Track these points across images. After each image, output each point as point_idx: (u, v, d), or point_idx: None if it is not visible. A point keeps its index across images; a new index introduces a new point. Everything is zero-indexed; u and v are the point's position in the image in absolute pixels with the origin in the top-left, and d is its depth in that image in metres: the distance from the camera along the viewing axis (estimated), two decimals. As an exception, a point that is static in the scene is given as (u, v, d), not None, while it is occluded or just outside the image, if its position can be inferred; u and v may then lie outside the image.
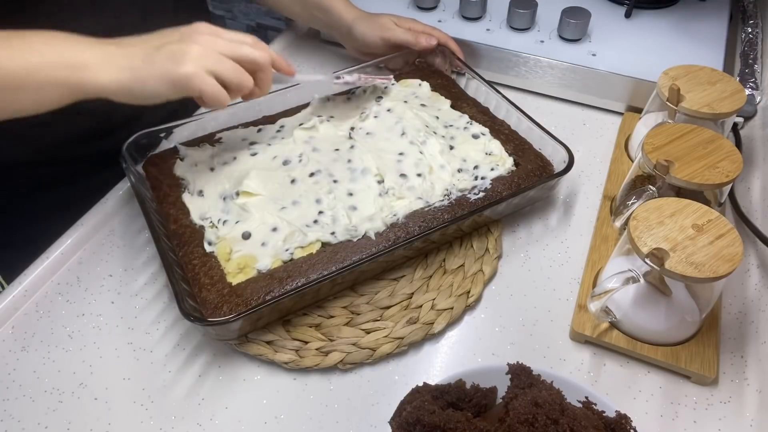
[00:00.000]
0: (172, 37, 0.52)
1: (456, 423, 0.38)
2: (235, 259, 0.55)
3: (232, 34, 0.55)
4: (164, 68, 0.50)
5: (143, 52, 0.51)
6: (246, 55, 0.54)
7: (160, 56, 0.50)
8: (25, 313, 0.57)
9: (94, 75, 0.49)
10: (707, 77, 0.63)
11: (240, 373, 0.53)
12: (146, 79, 0.50)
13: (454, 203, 0.60)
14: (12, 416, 0.50)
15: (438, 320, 0.56)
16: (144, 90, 0.50)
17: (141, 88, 0.50)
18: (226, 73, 0.52)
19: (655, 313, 0.52)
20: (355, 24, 0.75)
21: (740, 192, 0.67)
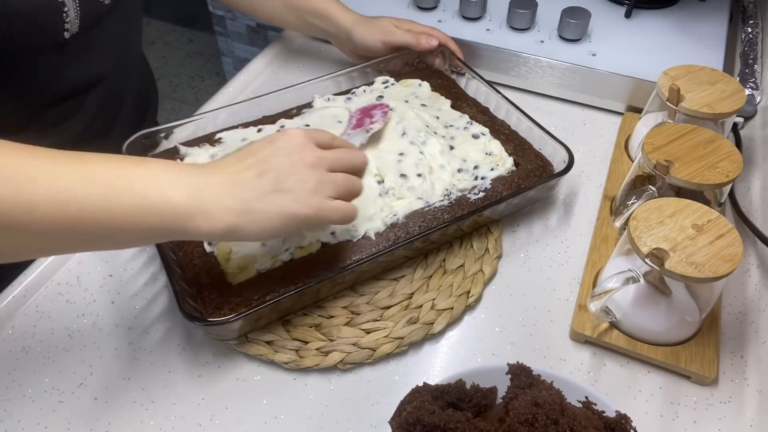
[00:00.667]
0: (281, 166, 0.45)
1: (456, 423, 0.38)
2: (235, 259, 0.55)
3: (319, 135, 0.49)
4: (287, 211, 0.45)
5: (258, 190, 0.44)
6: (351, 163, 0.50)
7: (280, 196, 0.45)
8: (25, 313, 0.57)
9: (200, 224, 0.42)
10: (707, 77, 0.63)
11: (240, 373, 0.53)
12: (264, 222, 0.44)
13: (454, 203, 0.60)
14: (12, 416, 0.50)
15: (438, 320, 0.56)
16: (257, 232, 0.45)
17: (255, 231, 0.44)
18: (342, 189, 0.48)
19: (655, 313, 0.52)
20: (354, 29, 0.75)
21: (740, 192, 0.67)
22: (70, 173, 0.39)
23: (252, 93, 0.81)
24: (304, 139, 0.48)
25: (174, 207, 0.41)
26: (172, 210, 0.41)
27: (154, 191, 0.41)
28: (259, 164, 0.45)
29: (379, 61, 0.76)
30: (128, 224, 0.40)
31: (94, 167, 0.40)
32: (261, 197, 0.44)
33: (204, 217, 0.42)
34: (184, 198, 0.42)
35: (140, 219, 0.41)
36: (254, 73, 0.86)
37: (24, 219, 0.37)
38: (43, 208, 0.37)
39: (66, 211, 0.38)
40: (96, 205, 0.39)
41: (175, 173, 0.43)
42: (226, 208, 0.43)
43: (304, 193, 0.45)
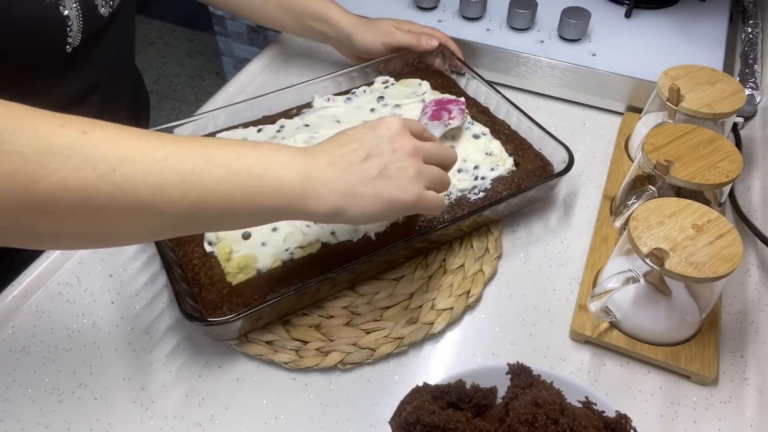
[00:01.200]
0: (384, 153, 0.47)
1: (456, 423, 0.38)
2: (235, 259, 0.55)
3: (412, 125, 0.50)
4: (391, 197, 0.46)
5: (363, 175, 0.46)
6: (444, 157, 0.51)
7: (384, 182, 0.46)
8: (25, 313, 0.57)
9: (311, 204, 0.44)
10: (707, 77, 0.63)
11: (240, 373, 0.53)
12: (368, 205, 0.45)
13: (454, 203, 0.60)
14: (12, 416, 0.50)
15: (438, 320, 0.56)
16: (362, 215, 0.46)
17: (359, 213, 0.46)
18: (436, 181, 0.50)
19: (655, 313, 0.52)
20: (354, 32, 0.75)
21: (740, 192, 0.67)
22: (194, 156, 0.40)
23: (252, 93, 0.81)
24: (402, 127, 0.49)
25: (287, 188, 0.43)
26: (285, 191, 0.43)
27: (268, 173, 0.42)
28: (363, 149, 0.47)
29: (379, 61, 0.76)
30: (246, 204, 0.42)
31: (214, 150, 0.41)
32: (366, 182, 0.45)
33: (314, 198, 0.44)
34: (296, 179, 0.43)
35: (257, 199, 0.42)
36: (254, 73, 0.86)
37: (153, 200, 0.38)
38: (171, 190, 0.39)
39: (192, 193, 0.39)
40: (218, 187, 0.40)
41: (286, 155, 0.44)
42: (335, 190, 0.44)
43: (406, 180, 0.47)
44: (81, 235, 0.39)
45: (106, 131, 0.38)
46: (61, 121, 0.37)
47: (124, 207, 0.38)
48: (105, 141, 0.37)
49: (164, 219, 0.40)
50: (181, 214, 0.40)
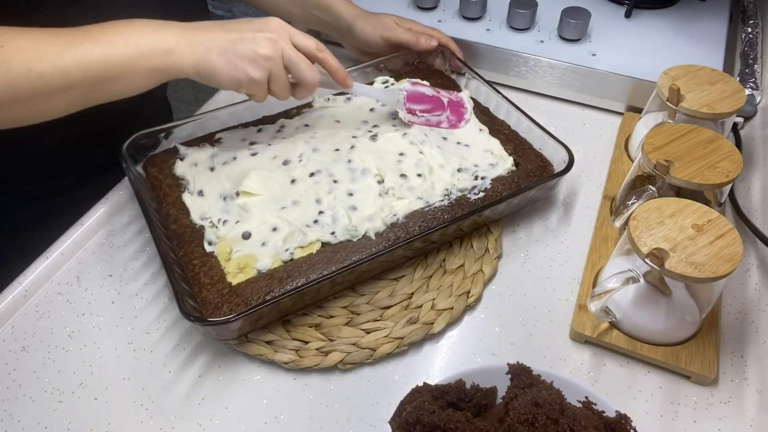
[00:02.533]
0: (246, 32, 0.55)
1: (456, 423, 0.38)
2: (235, 259, 0.55)
3: (300, 37, 0.58)
4: (234, 65, 0.55)
5: (219, 43, 0.55)
6: (300, 73, 0.58)
7: (232, 53, 0.55)
8: (25, 313, 0.57)
9: (178, 59, 0.54)
10: (707, 77, 0.63)
11: (240, 373, 0.53)
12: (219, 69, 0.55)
13: (454, 203, 0.60)
14: (12, 416, 0.50)
15: (438, 320, 0.56)
16: (214, 77, 0.55)
17: (212, 74, 0.55)
18: (278, 83, 0.57)
19: (655, 313, 0.52)
20: (355, 22, 0.75)
21: (740, 192, 0.67)
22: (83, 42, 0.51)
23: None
24: (279, 26, 0.57)
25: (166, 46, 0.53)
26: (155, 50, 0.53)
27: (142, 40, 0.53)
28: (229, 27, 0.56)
29: (379, 60, 0.76)
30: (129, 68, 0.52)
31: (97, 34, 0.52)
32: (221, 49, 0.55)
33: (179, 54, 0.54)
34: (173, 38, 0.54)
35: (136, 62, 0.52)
36: (254, 73, 0.86)
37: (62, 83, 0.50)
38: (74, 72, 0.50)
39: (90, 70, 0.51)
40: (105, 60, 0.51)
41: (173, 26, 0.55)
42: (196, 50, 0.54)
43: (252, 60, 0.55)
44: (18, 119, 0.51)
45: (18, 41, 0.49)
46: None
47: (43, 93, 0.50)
48: (18, 50, 0.48)
49: (74, 93, 0.51)
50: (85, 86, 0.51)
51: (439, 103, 0.68)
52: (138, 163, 0.64)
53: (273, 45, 0.56)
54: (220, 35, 0.55)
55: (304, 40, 0.58)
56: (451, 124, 0.67)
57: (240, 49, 0.55)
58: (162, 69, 0.54)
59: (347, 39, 0.78)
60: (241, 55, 0.55)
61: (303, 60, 0.58)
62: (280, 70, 0.57)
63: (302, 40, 0.58)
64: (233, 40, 0.55)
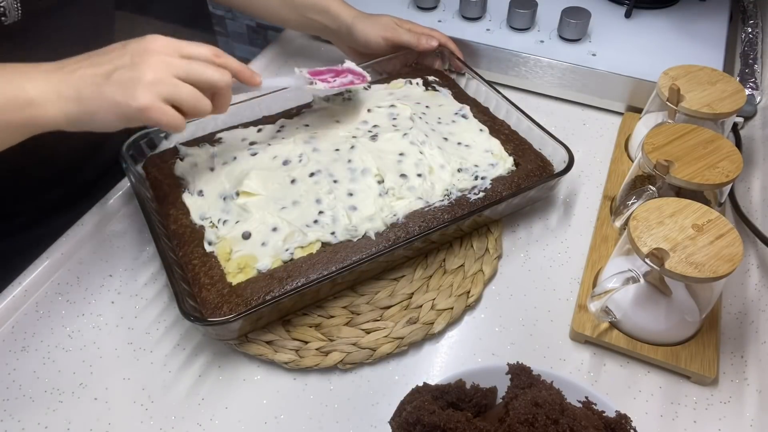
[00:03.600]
0: (122, 59, 0.47)
1: (456, 423, 0.38)
2: (235, 259, 0.55)
3: (191, 48, 0.51)
4: (115, 100, 0.46)
5: (91, 80, 0.46)
6: (204, 77, 0.50)
7: (110, 86, 0.46)
8: (25, 313, 0.57)
9: (42, 111, 0.46)
10: (707, 77, 0.63)
11: (240, 373, 0.53)
12: (96, 111, 0.46)
13: (454, 203, 0.60)
14: (12, 416, 0.50)
15: (438, 320, 0.56)
16: (93, 122, 0.47)
17: (90, 120, 0.47)
18: (183, 100, 0.49)
19: (655, 313, 0.52)
20: (355, 23, 0.75)
21: (740, 192, 0.67)
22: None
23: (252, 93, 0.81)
24: (163, 46, 0.49)
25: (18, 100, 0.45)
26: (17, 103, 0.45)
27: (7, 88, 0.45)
28: (101, 62, 0.48)
29: (378, 61, 0.76)
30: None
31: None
32: (92, 87, 0.46)
33: (42, 106, 0.45)
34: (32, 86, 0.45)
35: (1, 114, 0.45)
36: (254, 73, 0.86)
37: None
38: None
39: None
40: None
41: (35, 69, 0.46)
42: (61, 96, 0.46)
43: (135, 87, 0.46)
44: None
45: None
46: None
47: None
48: None
49: None
50: None
51: (336, 71, 0.67)
52: (138, 163, 0.64)
53: (158, 67, 0.47)
54: (88, 72, 0.47)
55: (195, 49, 0.51)
56: (360, 80, 0.67)
57: (116, 80, 0.46)
58: (23, 124, 0.46)
59: (346, 41, 0.78)
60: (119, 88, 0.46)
61: (200, 64, 0.50)
62: (176, 87, 0.48)
63: (194, 50, 0.51)
64: (105, 73, 0.47)
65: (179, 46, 0.50)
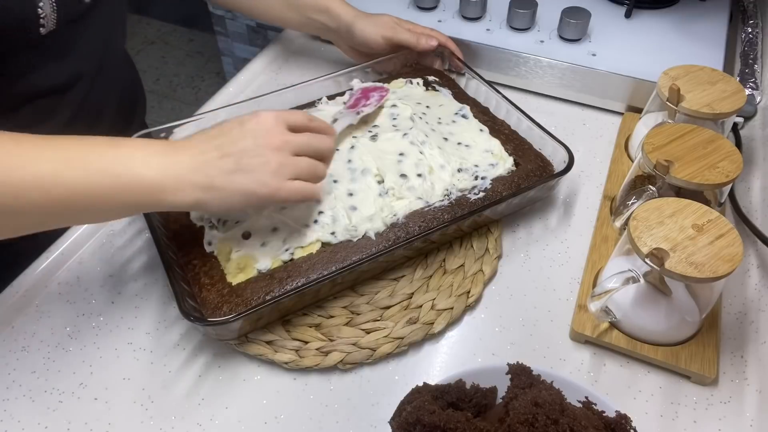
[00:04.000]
0: (244, 142, 0.49)
1: (456, 423, 0.38)
2: (235, 259, 0.55)
3: (292, 117, 0.52)
4: (248, 188, 0.48)
5: (221, 168, 0.48)
6: (314, 148, 0.53)
7: (240, 175, 0.48)
8: (25, 313, 0.57)
9: (171, 198, 0.46)
10: (707, 77, 0.63)
11: (240, 373, 0.53)
12: (226, 198, 0.48)
13: (454, 203, 0.60)
14: (12, 416, 0.50)
15: (438, 320, 0.56)
16: (221, 207, 0.49)
17: (218, 205, 0.48)
18: (303, 173, 0.51)
19: (655, 313, 0.52)
20: (355, 22, 0.75)
21: (740, 192, 0.67)
22: (52, 161, 0.43)
23: (252, 93, 0.81)
24: (274, 122, 0.51)
25: (145, 185, 0.45)
26: (144, 188, 0.45)
27: (125, 171, 0.45)
28: (225, 146, 0.49)
29: (378, 61, 0.76)
30: (106, 201, 0.45)
31: (73, 153, 0.44)
32: (223, 176, 0.48)
33: (173, 193, 0.46)
34: (154, 176, 0.46)
35: (116, 197, 0.45)
36: (254, 73, 0.86)
37: (14, 204, 0.42)
38: (31, 193, 0.42)
39: (52, 195, 0.42)
40: (77, 188, 0.43)
41: (145, 152, 0.46)
42: (193, 184, 0.47)
43: (264, 174, 0.48)
44: None
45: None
46: None
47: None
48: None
49: (29, 218, 0.44)
50: (44, 213, 0.43)
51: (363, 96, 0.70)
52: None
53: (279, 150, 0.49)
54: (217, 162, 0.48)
55: (296, 118, 0.52)
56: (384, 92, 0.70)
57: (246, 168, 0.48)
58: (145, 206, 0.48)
59: (346, 40, 0.78)
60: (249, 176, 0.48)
61: (310, 137, 0.53)
62: (297, 163, 0.50)
63: (296, 120, 0.52)
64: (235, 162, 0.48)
65: (285, 118, 0.51)
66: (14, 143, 0.42)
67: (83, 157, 0.44)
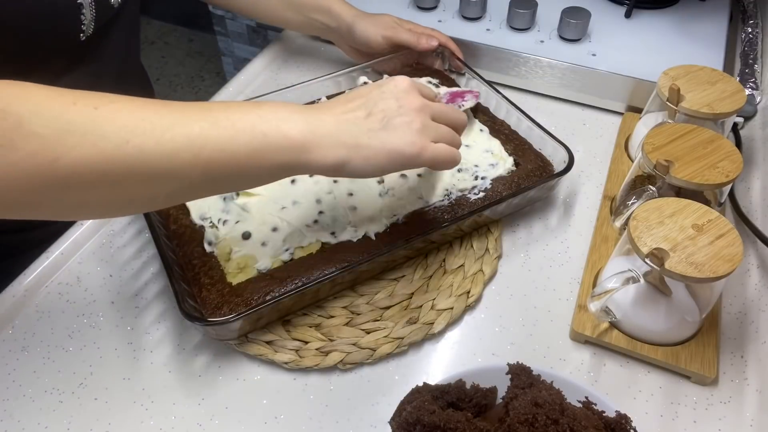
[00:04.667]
0: (387, 103, 0.48)
1: (456, 423, 0.38)
2: (235, 259, 0.55)
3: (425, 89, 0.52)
4: (394, 147, 0.47)
5: (367, 126, 0.47)
6: (451, 118, 0.52)
7: (386, 133, 0.47)
8: (25, 313, 0.57)
9: (315, 157, 0.45)
10: (707, 77, 0.63)
11: (240, 373, 0.53)
12: (372, 157, 0.46)
13: (454, 203, 0.60)
14: (12, 416, 0.50)
15: (438, 320, 0.56)
16: (366, 167, 0.47)
17: (363, 165, 0.46)
18: (444, 139, 0.50)
19: (655, 313, 0.52)
20: (356, 22, 0.75)
21: (740, 192, 0.67)
22: (201, 120, 0.42)
23: (252, 93, 0.81)
24: (411, 86, 0.50)
25: (291, 142, 0.44)
26: (289, 145, 0.44)
27: (271, 129, 0.44)
28: (368, 105, 0.48)
29: (379, 61, 0.76)
30: (253, 161, 0.43)
31: (218, 113, 0.43)
32: (370, 134, 0.47)
33: (318, 151, 0.45)
34: (299, 133, 0.44)
35: (263, 155, 0.43)
36: (254, 73, 0.86)
37: (166, 166, 0.40)
38: (182, 155, 0.40)
39: (202, 156, 0.41)
40: (226, 147, 0.42)
41: (289, 111, 0.45)
42: (338, 142, 0.45)
43: (410, 132, 0.47)
44: (105, 203, 0.41)
45: (116, 104, 0.39)
46: (73, 98, 0.38)
47: (141, 175, 0.40)
48: (116, 114, 0.39)
49: (179, 183, 0.42)
50: (194, 176, 0.41)
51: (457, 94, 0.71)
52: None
53: (421, 111, 0.49)
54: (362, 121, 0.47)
55: (426, 88, 0.53)
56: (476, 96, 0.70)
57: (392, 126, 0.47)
58: (291, 166, 0.45)
59: (346, 40, 0.78)
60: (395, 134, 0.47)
61: (444, 105, 0.53)
62: (438, 128, 0.50)
63: (426, 90, 0.53)
64: (380, 121, 0.48)
65: (419, 87, 0.51)
66: (163, 106, 0.42)
67: (228, 117, 0.43)
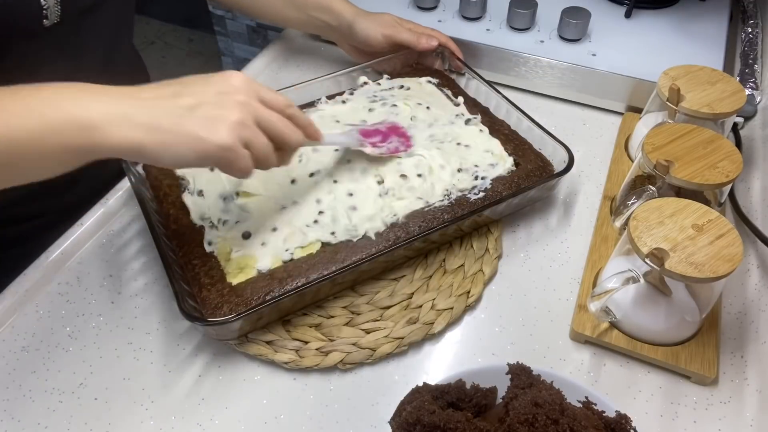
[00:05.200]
0: (206, 94, 0.45)
1: (456, 423, 0.38)
2: (235, 259, 0.55)
3: (268, 94, 0.48)
4: (198, 135, 0.43)
5: (172, 110, 0.43)
6: (279, 132, 0.48)
7: (193, 119, 0.43)
8: (25, 313, 0.57)
9: (104, 136, 0.41)
10: (707, 77, 0.63)
11: (240, 373, 0.53)
12: (172, 144, 0.43)
13: (454, 203, 0.60)
14: (12, 416, 0.50)
15: (438, 320, 0.56)
16: (163, 155, 0.43)
17: (161, 151, 0.43)
18: (257, 149, 0.46)
19: (655, 313, 0.52)
20: (356, 20, 0.75)
21: (740, 192, 0.67)
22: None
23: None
24: (243, 83, 0.46)
25: (76, 122, 0.41)
26: (75, 125, 0.41)
27: (52, 109, 0.41)
28: (182, 90, 0.45)
29: (379, 61, 0.76)
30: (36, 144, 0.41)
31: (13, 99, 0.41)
32: (173, 118, 0.43)
33: (110, 131, 0.41)
34: (85, 112, 0.41)
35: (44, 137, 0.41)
36: (254, 73, 0.86)
37: None
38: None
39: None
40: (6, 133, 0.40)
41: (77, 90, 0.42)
42: (134, 122, 0.42)
43: (220, 124, 0.44)
44: None
45: None
46: None
47: None
48: None
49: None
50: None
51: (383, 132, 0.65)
52: (138, 163, 0.64)
53: (243, 108, 0.45)
54: (170, 102, 0.44)
55: (273, 96, 0.48)
56: (406, 146, 0.64)
57: (202, 115, 0.44)
58: (80, 149, 0.41)
59: (347, 39, 0.78)
60: (203, 122, 0.43)
61: (280, 119, 0.48)
62: (256, 135, 0.46)
63: (272, 97, 0.48)
64: (189, 106, 0.44)
65: (258, 89, 0.48)
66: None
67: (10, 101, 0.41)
